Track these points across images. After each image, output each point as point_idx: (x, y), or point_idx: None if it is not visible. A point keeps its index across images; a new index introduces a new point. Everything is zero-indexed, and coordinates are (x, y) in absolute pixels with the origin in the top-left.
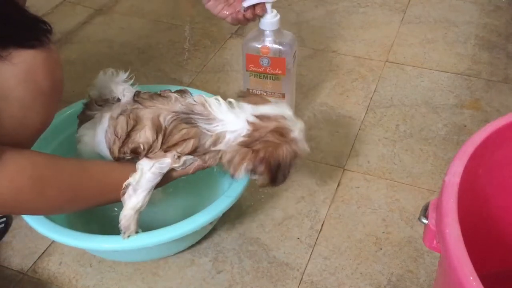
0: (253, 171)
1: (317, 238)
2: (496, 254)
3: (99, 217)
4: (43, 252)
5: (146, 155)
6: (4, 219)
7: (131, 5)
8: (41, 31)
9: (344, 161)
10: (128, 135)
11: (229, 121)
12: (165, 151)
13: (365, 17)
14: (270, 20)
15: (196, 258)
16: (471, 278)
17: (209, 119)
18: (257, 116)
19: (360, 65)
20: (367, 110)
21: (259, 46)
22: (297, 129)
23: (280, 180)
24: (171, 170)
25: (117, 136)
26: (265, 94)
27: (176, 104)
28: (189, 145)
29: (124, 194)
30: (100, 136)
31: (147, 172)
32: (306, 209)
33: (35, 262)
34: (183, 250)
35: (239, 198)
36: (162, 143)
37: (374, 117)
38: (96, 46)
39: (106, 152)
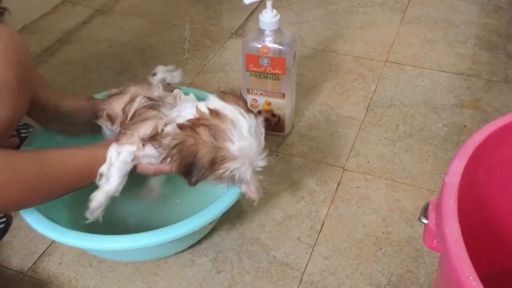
0: (168, 152)
1: (317, 238)
2: (496, 254)
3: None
4: (43, 252)
5: (116, 140)
6: (4, 219)
7: (131, 5)
8: None
9: (344, 161)
10: (108, 100)
11: (184, 108)
12: (128, 130)
13: (365, 17)
14: (270, 20)
15: (196, 258)
16: (471, 278)
17: (172, 107)
18: (209, 109)
19: (360, 65)
20: (367, 110)
21: (259, 46)
22: (238, 144)
23: (193, 177)
24: (137, 160)
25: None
26: (265, 94)
27: (154, 91)
28: (149, 127)
29: (99, 180)
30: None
31: (115, 160)
32: (306, 209)
33: (35, 262)
34: (183, 250)
35: (239, 198)
36: (125, 119)
37: (374, 117)
38: (96, 46)
39: None
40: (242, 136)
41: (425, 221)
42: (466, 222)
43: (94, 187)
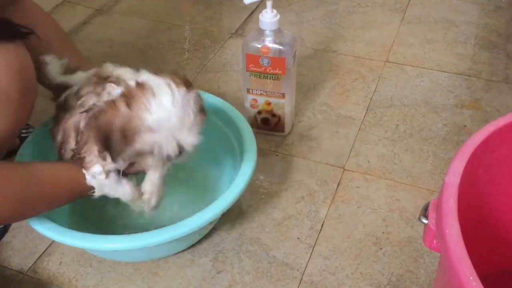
0: (86, 125)
1: (317, 238)
2: (496, 254)
3: (99, 217)
4: (43, 252)
5: (83, 167)
6: None
7: (131, 5)
8: (2, 33)
9: (344, 161)
10: (61, 147)
11: (116, 88)
12: (82, 155)
13: (365, 17)
14: (270, 20)
15: (196, 258)
16: (471, 278)
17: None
18: (136, 82)
19: (360, 65)
20: (367, 110)
21: (259, 46)
22: (155, 115)
23: (113, 153)
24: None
25: (55, 145)
26: (265, 94)
27: (89, 101)
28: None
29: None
30: None
31: (99, 185)
32: (306, 209)
33: (35, 262)
34: (183, 250)
35: (239, 198)
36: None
37: (374, 117)
38: (96, 46)
39: None
40: (162, 106)
41: (425, 221)
42: (466, 222)
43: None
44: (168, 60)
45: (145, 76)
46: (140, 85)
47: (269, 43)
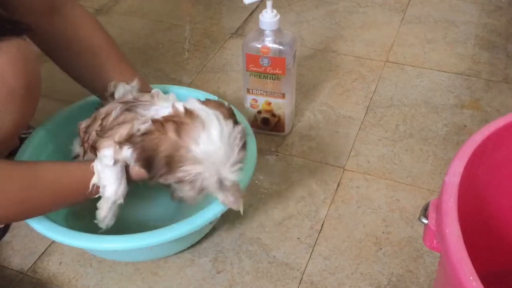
0: (132, 140)
1: (317, 238)
2: (496, 254)
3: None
4: (43, 252)
5: (92, 150)
6: None
7: (131, 5)
8: (5, 30)
9: (344, 161)
10: (87, 131)
11: (163, 107)
12: (104, 136)
13: (365, 17)
14: (270, 20)
15: (196, 258)
16: (471, 278)
17: (149, 106)
18: (185, 108)
19: (360, 65)
20: (367, 110)
21: (259, 46)
22: (203, 147)
23: (154, 172)
24: (128, 167)
25: (79, 135)
26: (265, 94)
27: (128, 96)
28: (125, 129)
29: (97, 192)
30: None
31: (101, 168)
32: (306, 209)
33: (35, 262)
34: (183, 250)
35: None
36: (103, 128)
37: (374, 117)
38: None
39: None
40: (210, 139)
41: (425, 221)
42: (466, 222)
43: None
44: (168, 60)
45: (193, 104)
46: (189, 113)
47: (269, 43)
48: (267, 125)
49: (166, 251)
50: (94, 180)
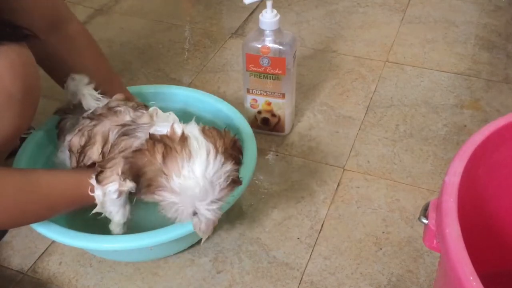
0: (125, 155)
1: (317, 238)
2: (496, 254)
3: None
4: (43, 252)
5: (96, 179)
6: None
7: (131, 5)
8: (5, 34)
9: (344, 161)
10: (82, 151)
11: (162, 126)
12: (106, 168)
13: (365, 17)
14: (270, 20)
15: (196, 258)
16: (471, 278)
17: (149, 127)
18: (182, 132)
19: (360, 65)
20: (367, 110)
21: (259, 46)
22: (182, 180)
23: (140, 190)
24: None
25: (73, 152)
26: (265, 94)
27: (125, 116)
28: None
29: (91, 202)
30: (65, 152)
31: (104, 199)
32: (306, 209)
33: (35, 262)
34: (183, 250)
35: (239, 198)
36: (105, 156)
37: (374, 117)
38: None
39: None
40: (192, 173)
41: (425, 221)
42: (466, 222)
43: None
44: (168, 60)
45: (192, 130)
46: (182, 140)
47: (269, 43)
48: (267, 125)
49: (166, 251)
50: (97, 209)
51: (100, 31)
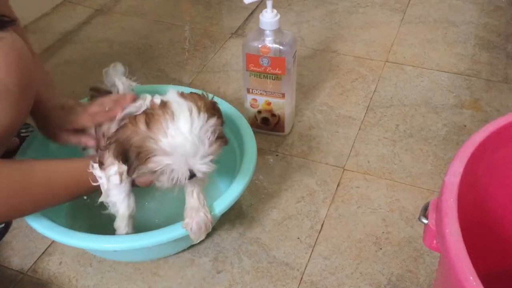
0: (108, 137)
1: (317, 238)
2: (496, 254)
3: (99, 217)
4: (43, 252)
5: (99, 164)
6: None
7: (131, 5)
8: None
9: (344, 161)
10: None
11: (139, 103)
12: (105, 149)
13: (365, 17)
14: (270, 20)
15: (196, 258)
16: (471, 278)
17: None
18: (162, 100)
19: (360, 65)
20: (367, 110)
21: (259, 46)
22: (170, 139)
23: (130, 167)
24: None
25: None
26: (265, 93)
27: (131, 104)
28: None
29: (90, 190)
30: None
31: (109, 187)
32: (306, 209)
33: (35, 262)
34: (183, 250)
35: (239, 198)
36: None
37: (374, 117)
38: (96, 46)
39: None
40: (179, 131)
41: (425, 221)
42: (466, 222)
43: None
44: (168, 60)
45: (171, 96)
46: (163, 105)
47: (269, 43)
48: (267, 125)
49: (166, 251)
50: (102, 198)
51: (100, 31)
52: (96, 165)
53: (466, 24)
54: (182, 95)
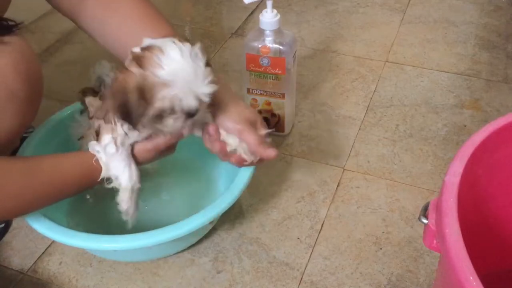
0: (103, 97)
1: (317, 238)
2: (496, 254)
3: (99, 217)
4: (43, 252)
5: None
6: None
7: None
8: (3, 29)
9: (344, 161)
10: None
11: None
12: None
13: (365, 17)
14: (270, 20)
15: (196, 258)
16: (471, 278)
17: None
18: (141, 47)
19: (360, 65)
20: (367, 110)
21: (259, 46)
22: (168, 67)
23: (133, 120)
24: (133, 150)
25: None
26: (265, 94)
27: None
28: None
29: (110, 183)
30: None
31: (107, 159)
32: (306, 209)
33: (35, 262)
34: (183, 250)
35: (239, 198)
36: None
37: (374, 117)
38: (96, 46)
39: None
40: (173, 59)
41: (425, 221)
42: (466, 222)
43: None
44: None
45: (148, 41)
46: (146, 48)
47: (269, 43)
48: (267, 125)
49: (166, 251)
50: (103, 173)
51: None
52: (93, 142)
53: (466, 24)
54: (154, 37)
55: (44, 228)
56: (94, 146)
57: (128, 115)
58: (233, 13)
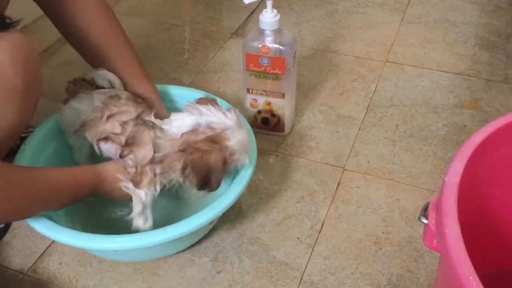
0: (183, 173)
1: (317, 238)
2: (496, 254)
3: (99, 217)
4: (43, 252)
5: (135, 184)
6: None
7: (131, 5)
8: (1, 26)
9: (344, 161)
10: (128, 147)
11: (180, 119)
12: (143, 168)
13: (365, 17)
14: (270, 20)
15: (196, 258)
16: (471, 278)
17: (164, 122)
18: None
19: (360, 65)
20: (367, 110)
21: (259, 45)
22: (234, 139)
23: (213, 184)
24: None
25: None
26: (265, 94)
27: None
28: (150, 149)
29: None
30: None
31: (146, 201)
32: (306, 209)
33: (35, 262)
34: (183, 250)
35: (239, 198)
36: (127, 143)
37: (374, 117)
38: None
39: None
40: (234, 131)
41: (425, 221)
42: (466, 222)
43: None
44: (168, 60)
45: (209, 118)
46: (209, 128)
47: (269, 43)
48: (267, 125)
49: (166, 251)
50: (136, 211)
51: None
52: (130, 185)
53: (466, 24)
54: (199, 102)
55: (44, 228)
56: (134, 191)
57: (208, 183)
58: (233, 13)
